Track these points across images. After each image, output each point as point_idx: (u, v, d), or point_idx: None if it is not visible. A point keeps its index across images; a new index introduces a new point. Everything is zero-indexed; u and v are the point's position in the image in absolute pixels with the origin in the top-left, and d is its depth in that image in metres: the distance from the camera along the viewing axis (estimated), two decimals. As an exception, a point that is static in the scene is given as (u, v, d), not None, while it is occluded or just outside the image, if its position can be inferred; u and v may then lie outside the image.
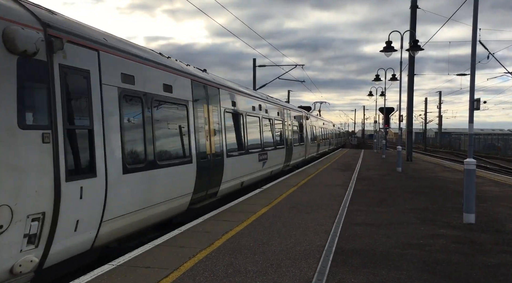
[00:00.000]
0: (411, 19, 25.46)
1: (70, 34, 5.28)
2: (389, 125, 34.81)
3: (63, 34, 5.11)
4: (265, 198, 10.94)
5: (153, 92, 7.24)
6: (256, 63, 33.46)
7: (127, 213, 6.34)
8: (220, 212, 8.98)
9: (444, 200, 11.17)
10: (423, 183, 15.16)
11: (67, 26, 5.37)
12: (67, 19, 5.69)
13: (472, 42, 8.42)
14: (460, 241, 6.89)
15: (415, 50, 19.36)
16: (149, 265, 5.39)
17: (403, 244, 6.61)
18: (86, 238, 5.53)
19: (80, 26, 5.82)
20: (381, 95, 36.11)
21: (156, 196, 7.14)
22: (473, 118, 8.39)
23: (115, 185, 5.95)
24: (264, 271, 5.24)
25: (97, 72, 5.78)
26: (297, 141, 21.25)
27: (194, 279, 4.95)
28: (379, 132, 48.10)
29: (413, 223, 8.16)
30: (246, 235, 7.01)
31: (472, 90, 8.45)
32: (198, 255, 5.86)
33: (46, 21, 4.94)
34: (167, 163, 7.50)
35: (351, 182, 14.72)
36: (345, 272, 5.25)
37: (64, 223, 4.99)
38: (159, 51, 8.52)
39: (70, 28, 5.40)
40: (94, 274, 5.05)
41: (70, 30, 5.34)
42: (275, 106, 17.24)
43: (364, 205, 10.12)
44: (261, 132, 14.38)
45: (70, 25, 5.47)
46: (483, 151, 51.12)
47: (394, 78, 27.24)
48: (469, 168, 8.16)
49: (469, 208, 8.21)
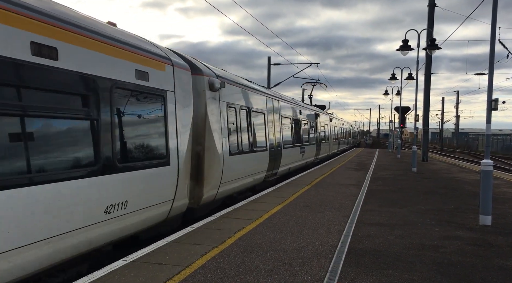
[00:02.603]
0: (429, 18, 25.09)
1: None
2: (404, 124, 34.43)
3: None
4: (278, 196, 10.92)
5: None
6: (270, 62, 33.38)
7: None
8: (233, 210, 9.00)
9: (460, 201, 11.00)
10: (438, 183, 14.96)
11: (224, 75, 9.97)
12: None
13: (491, 40, 8.26)
14: (476, 243, 6.78)
15: (432, 49, 19.09)
16: (162, 262, 5.43)
17: (417, 245, 6.54)
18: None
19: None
20: (396, 94, 35.72)
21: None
22: (490, 118, 8.25)
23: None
24: (276, 270, 5.23)
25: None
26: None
27: (205, 276, 4.97)
28: (394, 131, 47.60)
29: (428, 224, 8.05)
30: (258, 233, 7.01)
31: (490, 90, 8.30)
32: (210, 252, 5.88)
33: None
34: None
35: (365, 182, 14.61)
36: (357, 273, 5.21)
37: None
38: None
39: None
40: (107, 269, 5.11)
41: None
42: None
43: (377, 205, 10.03)
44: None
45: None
46: (501, 152, 50.20)
47: (410, 77, 26.91)
48: (486, 169, 8.04)
49: (485, 210, 8.08)
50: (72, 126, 5.12)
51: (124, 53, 6.02)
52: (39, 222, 4.51)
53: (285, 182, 14.01)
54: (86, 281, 4.74)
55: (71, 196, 4.92)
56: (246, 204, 9.76)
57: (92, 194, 5.27)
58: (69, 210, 4.91)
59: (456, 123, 72.08)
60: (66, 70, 4.92)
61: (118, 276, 4.89)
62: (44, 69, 4.62)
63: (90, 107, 5.32)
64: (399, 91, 34.53)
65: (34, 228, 4.47)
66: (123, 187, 5.85)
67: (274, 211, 8.88)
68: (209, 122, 8.68)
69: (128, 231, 6.18)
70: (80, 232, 5.11)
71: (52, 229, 4.69)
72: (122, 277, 4.88)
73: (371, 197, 11.15)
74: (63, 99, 4.98)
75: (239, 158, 10.28)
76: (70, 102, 5.11)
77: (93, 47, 5.38)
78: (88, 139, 5.29)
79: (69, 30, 5.01)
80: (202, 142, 8.57)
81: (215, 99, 9.08)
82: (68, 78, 4.96)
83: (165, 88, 7.06)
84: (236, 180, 10.23)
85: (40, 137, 4.63)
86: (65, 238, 4.88)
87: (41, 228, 4.55)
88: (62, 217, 4.81)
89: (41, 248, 4.58)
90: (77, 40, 5.13)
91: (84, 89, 5.24)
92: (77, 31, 5.14)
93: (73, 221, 4.99)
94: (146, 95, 6.59)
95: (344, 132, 40.45)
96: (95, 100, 5.38)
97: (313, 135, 21.52)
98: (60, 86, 4.88)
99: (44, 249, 4.63)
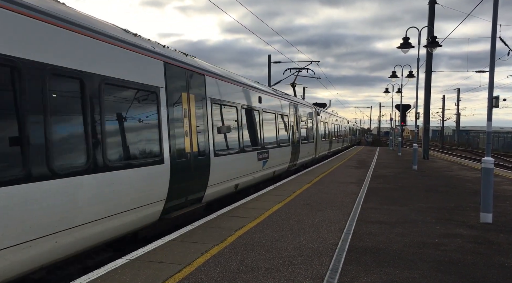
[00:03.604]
0: (429, 15, 25.03)
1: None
2: (405, 122, 34.37)
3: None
4: (279, 194, 10.92)
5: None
6: (271, 60, 33.37)
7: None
8: (233, 208, 8.99)
9: (461, 199, 10.99)
10: (439, 181, 14.94)
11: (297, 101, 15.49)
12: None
13: (491, 38, 8.23)
14: (477, 241, 6.77)
15: (433, 47, 19.04)
16: (162, 260, 5.43)
17: (418, 243, 6.53)
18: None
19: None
20: (397, 92, 35.69)
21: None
22: (491, 116, 8.24)
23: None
24: (276, 268, 5.22)
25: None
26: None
27: (206, 274, 4.96)
28: (395, 129, 47.56)
29: (429, 222, 8.04)
30: (258, 231, 7.00)
31: (491, 88, 8.28)
32: (210, 251, 5.87)
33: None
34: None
35: (365, 180, 14.59)
36: (358, 271, 5.20)
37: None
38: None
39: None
40: (107, 268, 5.11)
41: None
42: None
43: (378, 203, 10.02)
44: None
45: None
46: (502, 149, 50.15)
47: (411, 75, 26.87)
48: (487, 167, 8.02)
49: (486, 208, 8.07)
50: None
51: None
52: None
53: (286, 180, 14.00)
54: (87, 279, 4.73)
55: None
56: (246, 202, 9.75)
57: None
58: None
59: (457, 121, 72.03)
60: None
61: (118, 275, 4.89)
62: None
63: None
64: (399, 89, 34.51)
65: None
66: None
67: (274, 209, 8.87)
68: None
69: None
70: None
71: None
72: (122, 275, 4.87)
73: (371, 195, 11.14)
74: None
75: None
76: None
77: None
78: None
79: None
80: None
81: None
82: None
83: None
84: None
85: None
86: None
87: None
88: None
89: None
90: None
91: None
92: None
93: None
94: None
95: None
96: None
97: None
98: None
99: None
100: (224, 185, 9.75)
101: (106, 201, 5.58)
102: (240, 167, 10.82)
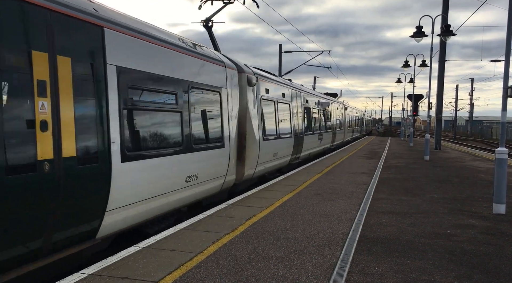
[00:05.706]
0: (444, 3, 24.60)
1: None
2: (417, 112, 33.99)
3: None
4: (289, 184, 10.93)
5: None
6: (281, 49, 33.16)
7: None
8: (244, 198, 9.03)
9: (473, 189, 10.89)
10: (451, 172, 14.81)
11: (258, 72, 11.97)
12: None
13: (507, 26, 8.06)
14: (489, 232, 6.72)
15: (447, 35, 18.75)
16: (174, 248, 5.49)
17: (429, 234, 6.50)
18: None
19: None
20: (409, 81, 35.27)
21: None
22: (506, 105, 8.13)
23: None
24: (287, 257, 5.25)
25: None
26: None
27: (217, 263, 5.01)
28: (407, 119, 47.12)
29: (440, 213, 8.00)
30: (269, 221, 7.03)
31: (506, 77, 8.15)
32: (221, 239, 5.92)
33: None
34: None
35: (376, 170, 14.53)
36: (368, 260, 5.21)
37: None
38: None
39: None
40: (120, 255, 5.18)
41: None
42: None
43: (389, 193, 9.98)
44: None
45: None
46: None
47: (424, 64, 26.51)
48: (500, 157, 7.93)
49: (499, 198, 7.99)
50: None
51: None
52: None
53: (296, 170, 14.00)
54: (100, 266, 4.81)
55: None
56: (257, 192, 9.78)
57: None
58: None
59: (470, 111, 71.02)
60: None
61: (131, 262, 4.96)
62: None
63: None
64: (412, 78, 34.10)
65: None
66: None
67: (285, 199, 8.89)
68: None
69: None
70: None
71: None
72: (135, 263, 4.95)
73: (382, 186, 11.10)
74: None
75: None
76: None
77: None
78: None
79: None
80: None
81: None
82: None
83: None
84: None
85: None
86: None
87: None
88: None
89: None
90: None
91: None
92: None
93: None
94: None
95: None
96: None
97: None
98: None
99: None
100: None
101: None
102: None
